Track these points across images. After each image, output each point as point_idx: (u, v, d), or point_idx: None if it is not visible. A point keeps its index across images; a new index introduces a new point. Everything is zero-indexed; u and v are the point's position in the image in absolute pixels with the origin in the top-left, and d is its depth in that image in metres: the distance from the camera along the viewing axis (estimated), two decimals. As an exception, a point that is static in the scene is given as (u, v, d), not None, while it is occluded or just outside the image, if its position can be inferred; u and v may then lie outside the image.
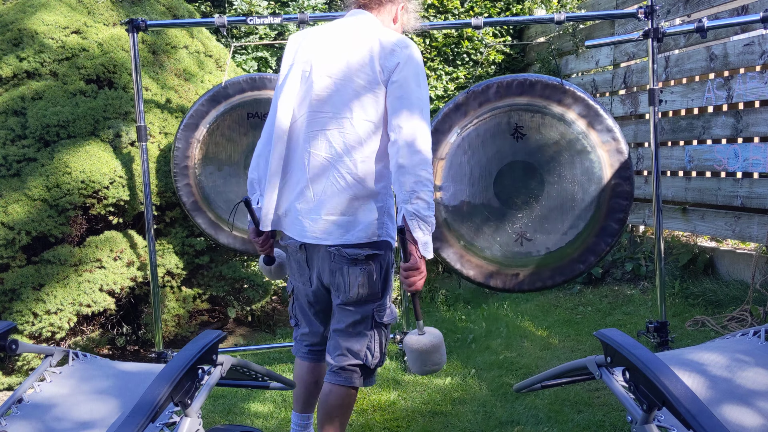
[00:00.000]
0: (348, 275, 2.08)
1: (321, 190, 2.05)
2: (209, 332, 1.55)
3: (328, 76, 2.06)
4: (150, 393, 1.30)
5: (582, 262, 3.20)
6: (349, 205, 2.04)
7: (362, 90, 2.02)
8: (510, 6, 6.50)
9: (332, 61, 2.07)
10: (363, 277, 2.08)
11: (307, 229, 2.08)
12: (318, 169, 2.06)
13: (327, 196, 2.05)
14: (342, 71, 2.04)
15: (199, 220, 3.67)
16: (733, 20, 3.50)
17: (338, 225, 2.05)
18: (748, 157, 4.01)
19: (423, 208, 1.94)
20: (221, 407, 3.21)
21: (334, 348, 2.18)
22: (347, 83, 2.03)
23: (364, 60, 2.03)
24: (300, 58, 2.13)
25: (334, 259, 2.07)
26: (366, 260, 2.07)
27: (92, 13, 4.06)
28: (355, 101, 2.03)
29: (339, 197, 2.04)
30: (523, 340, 4.00)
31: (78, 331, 3.75)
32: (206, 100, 3.61)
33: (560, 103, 3.14)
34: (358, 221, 2.04)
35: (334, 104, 2.04)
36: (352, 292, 2.09)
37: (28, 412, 1.78)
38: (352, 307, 2.12)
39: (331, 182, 2.04)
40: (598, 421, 2.83)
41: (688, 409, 1.15)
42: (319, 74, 2.07)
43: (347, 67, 2.04)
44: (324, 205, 2.05)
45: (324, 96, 2.06)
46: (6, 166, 3.57)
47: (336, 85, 2.05)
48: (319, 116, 2.06)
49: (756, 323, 3.68)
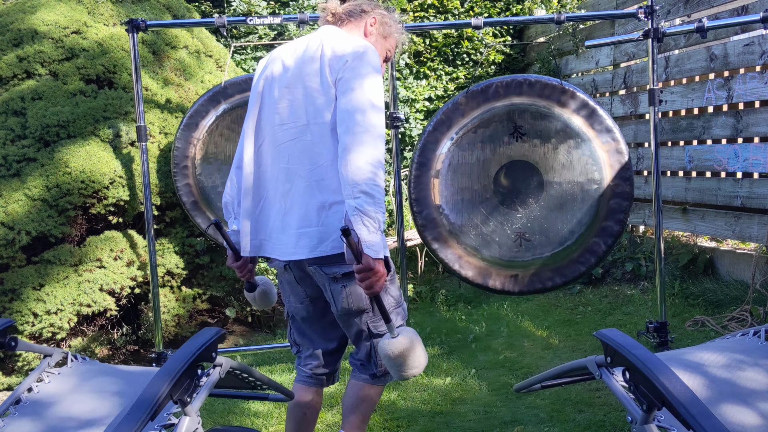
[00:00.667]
0: (331, 291, 2.04)
1: (290, 203, 2.01)
2: (208, 329, 1.55)
3: (285, 87, 2.03)
4: (150, 390, 1.30)
5: (582, 263, 3.20)
6: (317, 214, 1.97)
7: (315, 93, 1.98)
8: (510, 6, 6.50)
9: (289, 73, 2.04)
10: (344, 292, 2.02)
11: (284, 246, 2.03)
12: (287, 182, 2.01)
13: (296, 207, 1.99)
14: (297, 79, 2.01)
15: (199, 220, 3.67)
16: (733, 20, 3.50)
17: (310, 236, 1.98)
18: (748, 157, 4.01)
19: (367, 203, 1.82)
20: (221, 407, 3.21)
21: (356, 351, 2.20)
22: (302, 90, 2.00)
23: (316, 64, 1.99)
24: (262, 77, 2.12)
25: (316, 276, 2.05)
26: (344, 278, 2.00)
27: (92, 13, 4.06)
28: (310, 107, 1.98)
29: (306, 207, 1.98)
30: (523, 340, 4.00)
31: (78, 331, 3.75)
32: (206, 100, 3.61)
33: (560, 103, 3.14)
34: (328, 232, 1.97)
35: (292, 114, 2.02)
36: (339, 307, 2.06)
37: (26, 413, 1.77)
38: (346, 318, 2.10)
39: (300, 193, 1.99)
40: (599, 421, 2.83)
41: (688, 409, 1.14)
42: (278, 88, 2.05)
43: (301, 74, 2.01)
44: (294, 217, 2.00)
45: (283, 107, 2.03)
46: (6, 166, 3.57)
47: (292, 94, 2.02)
48: (282, 129, 2.03)
49: (756, 323, 3.67)
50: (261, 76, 2.13)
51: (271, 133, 2.06)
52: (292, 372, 3.66)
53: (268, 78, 2.10)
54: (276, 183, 2.04)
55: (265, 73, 2.12)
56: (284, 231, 2.02)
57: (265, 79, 2.11)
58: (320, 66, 1.98)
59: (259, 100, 2.11)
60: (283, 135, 2.03)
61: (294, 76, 2.02)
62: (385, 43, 2.21)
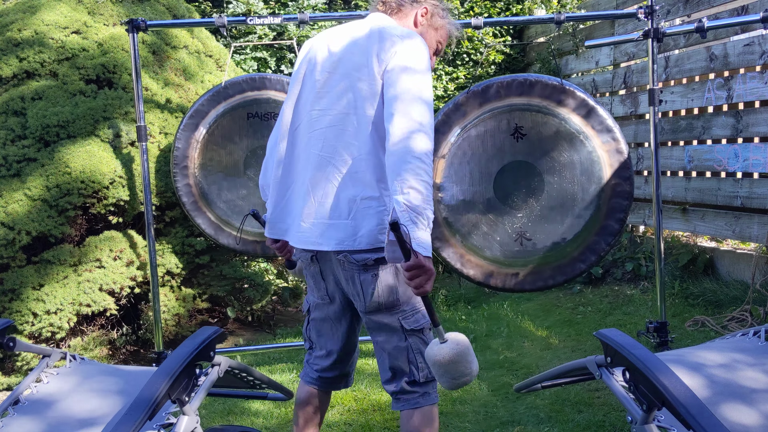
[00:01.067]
0: (361, 283, 1.93)
1: (322, 193, 1.93)
2: (207, 329, 1.55)
3: (328, 72, 1.97)
4: (148, 389, 1.30)
5: (582, 261, 3.20)
6: (348, 206, 1.90)
7: (360, 83, 1.90)
8: (510, 6, 6.50)
9: (334, 58, 1.97)
10: (376, 283, 1.92)
11: (311, 236, 1.95)
12: (319, 171, 1.94)
13: (328, 197, 1.92)
14: (341, 66, 1.95)
15: (198, 220, 3.67)
16: (733, 20, 3.49)
17: (338, 229, 1.91)
18: (748, 157, 4.00)
19: (416, 198, 1.73)
20: (221, 407, 3.21)
21: (383, 370, 2.03)
22: (345, 78, 1.93)
23: (362, 52, 1.92)
24: (306, 60, 2.05)
25: (345, 266, 1.94)
26: (376, 265, 1.91)
27: (92, 13, 4.06)
28: (352, 96, 1.91)
29: (337, 198, 1.91)
30: (523, 340, 3.99)
31: (78, 331, 3.75)
32: (206, 100, 3.61)
33: (560, 103, 3.14)
34: (359, 226, 1.89)
35: (333, 101, 1.95)
36: (368, 301, 1.94)
37: (25, 413, 1.77)
38: (376, 316, 1.97)
39: (331, 183, 1.92)
40: (599, 421, 2.82)
41: (688, 409, 1.14)
42: (320, 72, 1.98)
43: (346, 61, 1.94)
44: (325, 207, 1.93)
45: (324, 93, 1.96)
46: (6, 166, 3.57)
47: (335, 81, 1.95)
48: (320, 115, 1.96)
49: (756, 323, 3.67)
50: (304, 59, 2.06)
51: (308, 118, 1.99)
52: (292, 372, 3.66)
53: (311, 61, 2.02)
54: (306, 169, 1.98)
55: (308, 56, 2.04)
56: (311, 219, 1.95)
57: (308, 62, 2.03)
58: (367, 55, 1.90)
59: (299, 83, 2.05)
60: (321, 121, 1.96)
61: (338, 62, 1.96)
62: (436, 34, 2.12)
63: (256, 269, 4.68)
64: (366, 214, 1.89)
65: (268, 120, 3.66)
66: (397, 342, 1.96)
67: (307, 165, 1.97)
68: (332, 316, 2.09)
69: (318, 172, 1.94)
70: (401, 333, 1.95)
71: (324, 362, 2.15)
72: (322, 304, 2.09)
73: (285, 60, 6.20)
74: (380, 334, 1.99)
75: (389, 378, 2.01)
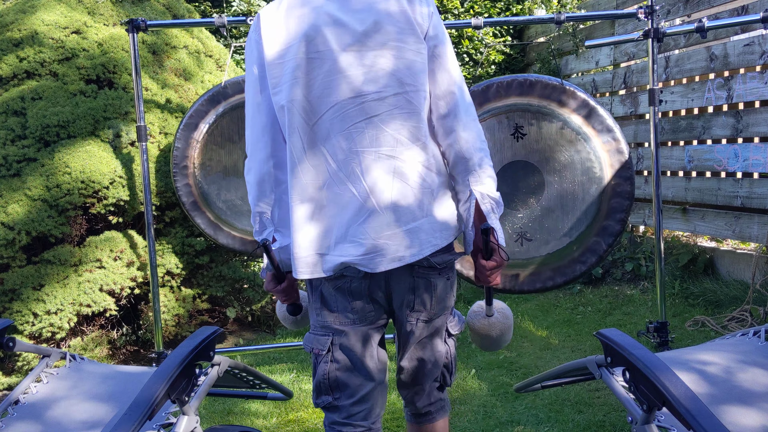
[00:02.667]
0: (434, 288, 1.65)
1: (390, 197, 1.56)
2: (206, 328, 1.55)
3: (355, 47, 1.55)
4: (147, 390, 1.30)
5: (583, 262, 3.20)
6: (426, 203, 1.60)
7: (407, 53, 1.56)
8: (510, 6, 6.50)
9: (353, 29, 1.55)
10: (448, 286, 1.70)
11: (383, 252, 1.56)
12: (378, 171, 1.56)
13: (399, 201, 1.57)
14: (373, 37, 1.55)
15: (198, 220, 3.67)
16: (733, 20, 3.49)
17: (425, 232, 1.59)
18: (748, 157, 4.00)
19: (493, 187, 1.61)
20: (221, 407, 3.21)
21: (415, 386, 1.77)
22: (385, 50, 1.55)
23: (394, 15, 1.56)
24: (301, 40, 1.55)
25: (417, 273, 1.62)
26: (451, 266, 1.70)
27: (92, 13, 4.06)
28: (403, 71, 1.56)
29: (407, 198, 1.58)
30: (523, 340, 3.99)
31: (78, 332, 3.75)
32: (206, 100, 3.61)
33: (560, 103, 3.14)
34: (439, 219, 1.61)
35: (374, 81, 1.55)
36: (437, 307, 1.67)
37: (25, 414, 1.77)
38: (434, 323, 1.70)
39: (400, 182, 1.57)
40: (599, 421, 2.82)
41: (688, 409, 1.14)
42: (340, 49, 1.55)
43: (379, 29, 1.55)
44: (400, 214, 1.57)
45: (357, 75, 1.55)
46: (6, 166, 3.57)
47: (370, 56, 1.55)
48: (359, 104, 1.55)
49: (756, 323, 3.67)
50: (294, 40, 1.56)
51: (337, 113, 1.56)
52: (292, 372, 3.65)
53: (312, 40, 1.55)
54: (353, 173, 1.56)
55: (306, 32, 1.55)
56: (383, 231, 1.57)
57: (307, 41, 1.55)
58: (404, 18, 1.57)
59: (299, 70, 1.55)
60: (364, 110, 1.56)
61: (365, 33, 1.55)
62: None
63: (256, 269, 4.68)
64: (444, 203, 1.63)
65: (268, 120, 3.66)
66: (440, 347, 1.76)
67: (356, 168, 1.57)
68: (371, 341, 1.67)
69: (379, 172, 1.57)
70: (444, 336, 1.77)
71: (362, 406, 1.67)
72: (359, 329, 1.64)
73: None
74: (426, 344, 1.72)
75: (426, 391, 1.81)
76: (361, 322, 1.63)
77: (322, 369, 1.65)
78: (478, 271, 1.68)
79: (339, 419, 1.66)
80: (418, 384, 1.76)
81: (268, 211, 1.65)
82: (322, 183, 1.58)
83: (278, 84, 1.57)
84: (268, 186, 1.64)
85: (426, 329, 1.69)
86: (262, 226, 1.66)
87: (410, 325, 1.66)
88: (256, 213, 1.66)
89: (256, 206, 1.65)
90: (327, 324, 1.64)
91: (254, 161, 1.64)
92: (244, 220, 3.71)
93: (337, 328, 1.63)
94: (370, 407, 1.68)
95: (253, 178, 1.64)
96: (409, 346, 1.70)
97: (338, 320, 1.62)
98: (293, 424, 2.98)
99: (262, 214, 1.65)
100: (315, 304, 1.66)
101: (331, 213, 1.58)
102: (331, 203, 1.58)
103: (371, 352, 1.65)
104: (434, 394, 1.79)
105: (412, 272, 1.62)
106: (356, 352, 1.63)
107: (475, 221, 1.65)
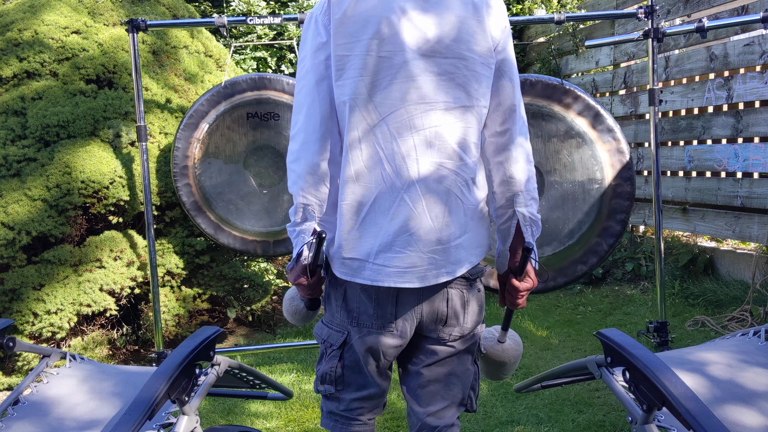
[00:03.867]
0: (466, 301, 1.61)
1: (441, 211, 1.53)
2: (206, 328, 1.55)
3: (427, 54, 1.50)
4: (147, 390, 1.30)
5: (584, 263, 3.20)
6: (471, 218, 1.58)
7: (477, 66, 1.53)
8: (510, 6, 6.50)
9: (430, 33, 1.50)
10: (481, 299, 1.67)
11: (431, 266, 1.53)
12: (434, 183, 1.52)
13: (453, 215, 1.55)
14: (446, 45, 1.51)
15: (198, 220, 3.67)
16: (733, 20, 3.50)
17: (466, 249, 1.58)
18: (748, 157, 4.00)
19: (536, 210, 1.60)
20: (221, 407, 3.21)
21: (427, 401, 1.66)
22: (459, 60, 1.51)
23: (470, 20, 1.52)
24: (373, 36, 1.49)
25: (450, 285, 1.59)
26: (480, 278, 1.67)
27: (92, 13, 4.06)
28: (472, 82, 1.53)
29: (455, 213, 1.55)
30: (523, 340, 3.98)
31: (78, 331, 3.75)
32: (206, 100, 3.61)
33: (561, 103, 3.14)
34: (477, 237, 1.61)
35: (443, 91, 1.51)
36: (469, 322, 1.63)
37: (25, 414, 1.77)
38: (459, 342, 1.63)
39: (452, 196, 1.54)
40: (599, 421, 2.82)
41: (688, 409, 1.14)
42: (413, 53, 1.50)
43: (455, 36, 1.51)
44: (451, 228, 1.55)
45: (426, 82, 1.50)
46: (6, 166, 3.57)
47: (443, 65, 1.51)
48: (424, 110, 1.51)
49: (756, 323, 3.67)
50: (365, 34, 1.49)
51: (401, 118, 1.51)
52: (293, 372, 3.66)
53: (385, 37, 1.49)
54: (408, 184, 1.52)
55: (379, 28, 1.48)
56: (432, 246, 1.53)
57: (380, 38, 1.48)
58: (481, 27, 1.53)
59: (367, 67, 1.49)
60: (425, 120, 1.51)
61: (444, 39, 1.51)
62: None
63: (256, 269, 4.68)
64: (477, 219, 1.61)
65: (267, 120, 3.67)
66: (470, 366, 1.68)
67: (408, 177, 1.51)
68: (387, 351, 1.61)
69: (435, 184, 1.53)
70: (475, 355, 1.69)
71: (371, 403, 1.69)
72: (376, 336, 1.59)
73: (285, 60, 6.20)
74: (453, 363, 1.65)
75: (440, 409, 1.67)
76: (380, 330, 1.58)
77: (330, 362, 1.64)
78: (509, 292, 1.64)
79: (337, 410, 1.67)
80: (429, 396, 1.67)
81: (313, 203, 1.58)
82: (375, 186, 1.52)
83: (342, 77, 1.51)
84: (318, 179, 1.56)
85: (458, 344, 1.63)
86: (304, 218, 1.59)
87: (441, 340, 1.62)
88: (300, 204, 1.58)
89: (302, 197, 1.57)
90: (344, 324, 1.61)
91: (306, 151, 1.55)
92: (245, 220, 3.71)
93: (353, 330, 1.59)
94: (369, 407, 1.68)
95: (301, 169, 1.55)
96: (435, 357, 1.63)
97: (357, 323, 1.59)
98: (293, 424, 2.98)
99: (307, 206, 1.58)
100: (336, 301, 1.62)
101: (380, 219, 1.53)
102: (380, 208, 1.53)
103: (381, 363, 1.62)
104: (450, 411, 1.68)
105: (446, 284, 1.58)
106: (367, 359, 1.61)
107: (514, 242, 1.64)
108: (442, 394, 1.65)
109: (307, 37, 1.57)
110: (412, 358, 1.66)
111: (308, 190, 1.57)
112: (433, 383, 1.64)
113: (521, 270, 1.59)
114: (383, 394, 1.69)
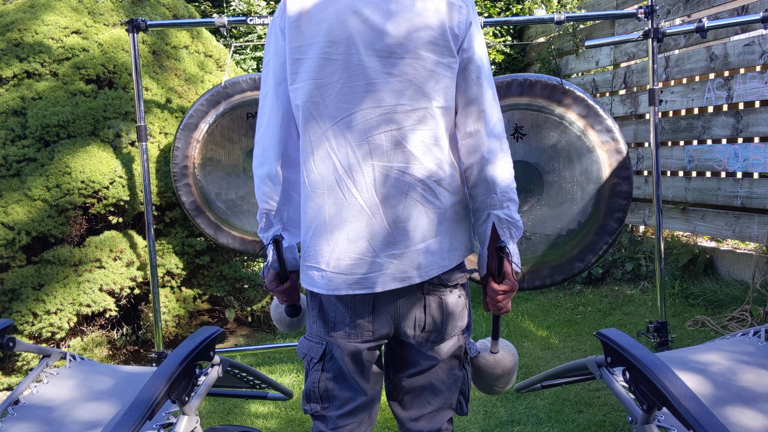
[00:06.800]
0: (445, 306, 1.57)
1: (403, 215, 1.49)
2: (207, 328, 1.55)
3: (385, 56, 1.46)
4: (147, 390, 1.30)
5: (581, 260, 3.20)
6: (440, 222, 1.53)
7: (438, 67, 1.48)
8: (510, 6, 6.50)
9: (385, 34, 1.46)
10: (462, 304, 1.60)
11: (387, 272, 1.49)
12: (391, 188, 1.48)
13: (414, 219, 1.50)
14: (403, 44, 1.46)
15: (198, 220, 3.67)
16: (733, 20, 3.50)
17: (433, 253, 1.52)
18: (748, 157, 4.00)
19: (514, 212, 1.54)
20: (221, 407, 3.21)
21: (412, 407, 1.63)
22: (415, 60, 1.46)
23: (430, 19, 1.47)
24: (322, 39, 1.46)
25: (427, 290, 1.55)
26: (463, 284, 1.61)
27: (93, 13, 4.06)
28: (431, 85, 1.48)
29: (423, 216, 1.51)
30: (523, 340, 3.99)
31: (78, 332, 3.75)
32: (206, 100, 3.61)
33: (560, 103, 3.14)
34: (452, 239, 1.55)
35: (400, 94, 1.47)
36: (450, 328, 1.58)
37: (25, 414, 1.77)
38: (441, 350, 1.60)
39: (413, 200, 1.49)
40: (599, 421, 2.82)
41: (688, 409, 1.14)
42: (367, 54, 1.46)
43: (411, 36, 1.46)
44: (410, 232, 1.50)
45: (382, 84, 1.46)
46: (6, 166, 3.57)
47: (399, 65, 1.46)
48: (379, 113, 1.47)
49: (756, 323, 3.67)
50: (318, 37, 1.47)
51: (355, 121, 1.47)
52: (293, 372, 3.66)
53: (339, 40, 1.46)
54: (363, 189, 1.49)
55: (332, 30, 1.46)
56: (387, 250, 1.49)
57: (333, 41, 1.46)
58: (440, 25, 1.48)
59: (320, 71, 1.47)
60: (380, 123, 1.47)
61: (399, 39, 1.46)
62: None
63: (256, 269, 4.68)
64: (452, 223, 1.56)
65: (268, 120, 3.66)
66: (457, 371, 1.63)
67: (363, 181, 1.49)
68: (368, 357, 1.58)
69: (392, 189, 1.49)
70: (462, 360, 1.64)
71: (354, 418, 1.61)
72: (354, 345, 1.56)
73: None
74: (441, 369, 1.62)
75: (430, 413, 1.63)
76: (358, 338, 1.54)
77: (312, 377, 1.59)
78: (489, 296, 1.59)
79: (325, 430, 1.61)
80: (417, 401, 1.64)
81: (275, 209, 1.57)
82: (328, 193, 1.49)
83: (296, 80, 1.49)
84: (278, 183, 1.55)
85: (441, 352, 1.60)
86: (269, 224, 1.59)
87: (420, 345, 1.58)
88: (263, 210, 1.58)
89: (264, 203, 1.57)
90: (321, 334, 1.57)
91: (266, 156, 1.55)
92: (245, 220, 3.71)
93: (331, 340, 1.55)
94: (357, 422, 1.61)
95: (263, 173, 1.55)
96: (418, 366, 1.61)
97: (334, 332, 1.55)
98: (293, 424, 2.98)
99: (269, 212, 1.57)
100: (312, 311, 1.59)
101: (334, 226, 1.50)
102: (335, 216, 1.49)
103: (365, 368, 1.58)
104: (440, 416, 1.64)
105: (422, 290, 1.55)
106: (349, 365, 1.56)
107: (491, 244, 1.58)
108: (429, 399, 1.62)
109: (269, 40, 1.56)
110: (396, 366, 1.64)
111: (270, 195, 1.56)
112: (418, 390, 1.62)
113: (499, 271, 1.53)
114: (372, 404, 1.62)
